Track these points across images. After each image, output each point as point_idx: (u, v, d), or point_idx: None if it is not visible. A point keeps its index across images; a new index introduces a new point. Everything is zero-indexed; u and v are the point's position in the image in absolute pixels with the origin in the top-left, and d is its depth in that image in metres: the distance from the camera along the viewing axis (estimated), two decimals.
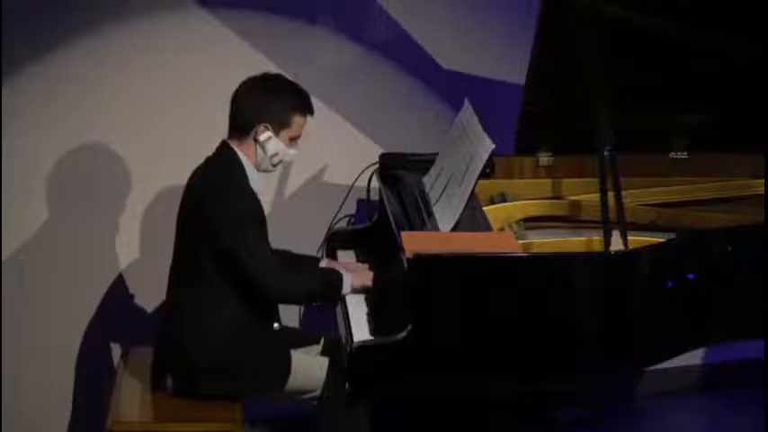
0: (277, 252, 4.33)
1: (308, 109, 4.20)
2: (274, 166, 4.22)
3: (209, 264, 4.10)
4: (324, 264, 4.44)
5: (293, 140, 4.21)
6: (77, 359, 4.90)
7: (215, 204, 4.09)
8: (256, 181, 4.19)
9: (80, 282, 4.85)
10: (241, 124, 4.17)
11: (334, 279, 4.23)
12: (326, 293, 4.25)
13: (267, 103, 4.16)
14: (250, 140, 4.17)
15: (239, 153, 4.17)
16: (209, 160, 4.22)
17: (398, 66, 5.09)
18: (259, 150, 4.18)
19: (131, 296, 4.92)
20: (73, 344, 4.89)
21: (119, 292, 4.90)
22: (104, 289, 4.90)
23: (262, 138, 4.16)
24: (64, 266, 4.83)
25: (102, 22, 4.75)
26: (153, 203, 4.87)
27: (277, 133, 4.17)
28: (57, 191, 4.78)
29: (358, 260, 4.58)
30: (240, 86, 4.19)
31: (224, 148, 4.20)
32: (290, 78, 4.25)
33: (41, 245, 4.80)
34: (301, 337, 4.41)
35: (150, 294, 4.86)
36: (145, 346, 4.41)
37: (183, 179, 4.22)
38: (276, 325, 4.24)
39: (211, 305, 4.13)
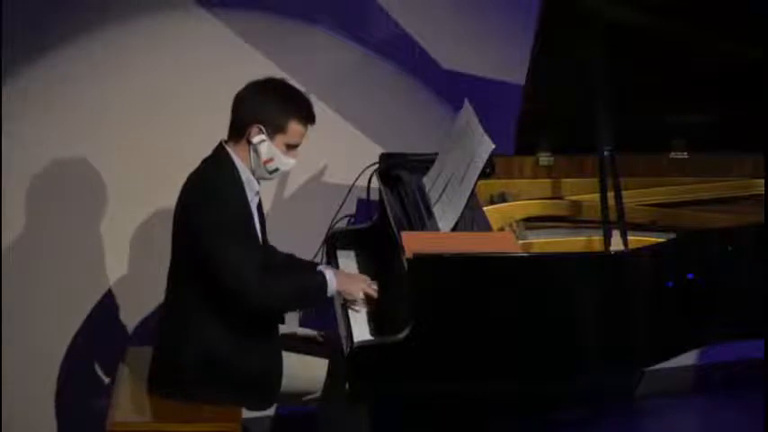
0: (270, 253, 4.32)
1: (307, 117, 4.09)
2: (270, 173, 4.11)
3: (200, 268, 4.03)
4: (320, 269, 4.33)
5: (290, 148, 4.10)
6: (76, 360, 4.90)
7: (197, 210, 4.02)
8: (251, 183, 4.12)
9: (79, 282, 4.85)
10: (237, 125, 4.10)
11: (317, 283, 4.14)
12: (309, 299, 4.20)
13: (264, 104, 4.06)
14: (244, 142, 4.09)
15: (234, 155, 4.09)
16: (204, 162, 4.15)
17: (398, 66, 5.09)
18: (252, 154, 4.08)
19: (130, 297, 4.92)
20: (71, 344, 4.89)
21: (118, 293, 4.90)
22: (103, 290, 4.90)
23: (255, 140, 4.07)
24: (63, 266, 4.83)
25: (102, 22, 4.75)
26: (152, 204, 4.87)
27: (272, 137, 4.07)
28: (56, 191, 4.78)
29: (358, 260, 4.57)
30: (243, 88, 4.12)
31: (219, 149, 4.13)
32: (294, 84, 4.18)
33: (41, 245, 4.80)
34: (300, 342, 4.37)
35: (149, 295, 4.84)
36: (144, 347, 4.41)
37: (182, 180, 4.20)
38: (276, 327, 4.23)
39: (205, 310, 4.07)
